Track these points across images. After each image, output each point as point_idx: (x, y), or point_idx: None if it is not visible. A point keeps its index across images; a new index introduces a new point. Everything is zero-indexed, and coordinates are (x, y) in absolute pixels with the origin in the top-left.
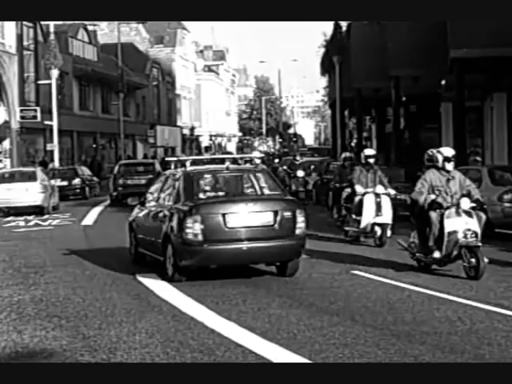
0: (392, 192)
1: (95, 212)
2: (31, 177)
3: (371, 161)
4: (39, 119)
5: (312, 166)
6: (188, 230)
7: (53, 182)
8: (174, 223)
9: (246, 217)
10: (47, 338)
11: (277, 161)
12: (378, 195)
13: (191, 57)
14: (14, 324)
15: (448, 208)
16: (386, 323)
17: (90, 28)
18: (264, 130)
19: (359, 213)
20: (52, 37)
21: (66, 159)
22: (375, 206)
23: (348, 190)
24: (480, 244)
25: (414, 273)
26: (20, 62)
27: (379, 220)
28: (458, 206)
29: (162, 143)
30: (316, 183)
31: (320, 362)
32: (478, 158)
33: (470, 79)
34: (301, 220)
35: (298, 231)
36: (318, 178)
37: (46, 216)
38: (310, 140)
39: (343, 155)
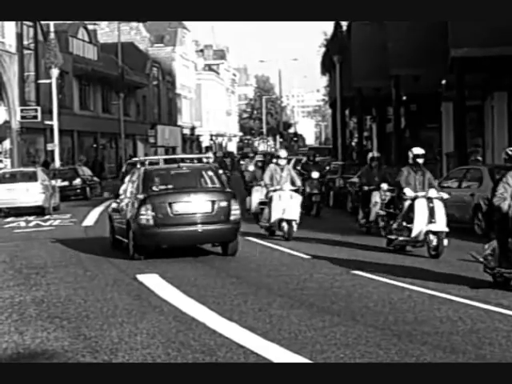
0: (445, 196)
1: (96, 212)
2: (32, 177)
3: (420, 161)
4: (39, 119)
5: (327, 167)
6: (142, 216)
7: (53, 182)
8: (133, 211)
9: (188, 205)
10: (49, 339)
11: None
12: (430, 200)
13: (191, 56)
14: (15, 325)
15: None
16: (387, 323)
17: (90, 27)
18: (264, 130)
19: (409, 220)
20: (52, 36)
21: (66, 159)
22: (428, 212)
23: (376, 192)
24: None
25: (413, 272)
26: (20, 61)
27: (434, 228)
28: None
29: (163, 143)
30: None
31: (321, 362)
32: (479, 158)
33: (470, 78)
34: (235, 208)
35: (232, 217)
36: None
37: (46, 216)
38: (310, 139)
39: (370, 155)
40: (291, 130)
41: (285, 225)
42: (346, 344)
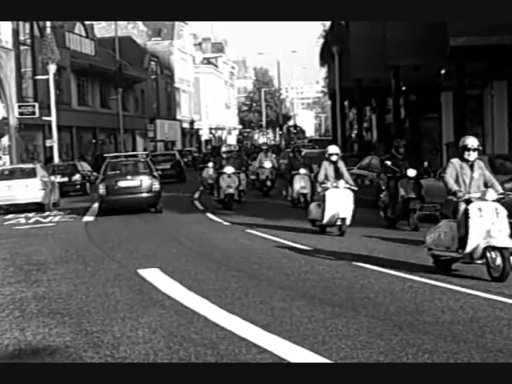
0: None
1: (96, 208)
2: (31, 173)
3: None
4: (37, 115)
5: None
6: (100, 190)
7: (53, 178)
8: (97, 187)
9: (127, 182)
10: (50, 334)
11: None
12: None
13: (190, 49)
14: (16, 322)
15: None
16: (388, 314)
17: (87, 22)
18: (264, 122)
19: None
20: (49, 31)
21: (70, 155)
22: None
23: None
24: None
25: (414, 263)
26: (17, 57)
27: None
28: None
29: (162, 137)
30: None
31: (324, 362)
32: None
33: (469, 68)
34: (155, 184)
35: (153, 189)
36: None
37: (46, 213)
38: (310, 131)
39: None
40: (291, 122)
41: (495, 256)
42: (347, 335)
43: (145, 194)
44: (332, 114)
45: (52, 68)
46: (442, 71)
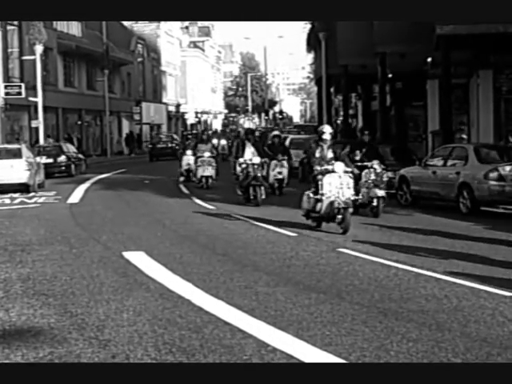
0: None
1: (81, 190)
2: (16, 154)
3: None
4: (24, 95)
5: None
6: None
7: (38, 159)
8: None
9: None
10: (35, 315)
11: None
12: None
13: (176, 33)
14: (1, 302)
15: None
16: (373, 301)
17: None
18: (250, 107)
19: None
20: None
21: (53, 136)
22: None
23: None
24: None
25: (399, 250)
26: (4, 37)
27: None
28: None
29: (148, 120)
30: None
31: (306, 339)
32: (464, 136)
33: (455, 56)
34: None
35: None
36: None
37: (31, 194)
38: (296, 117)
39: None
40: (276, 108)
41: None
42: (332, 321)
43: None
44: (318, 100)
45: (39, 49)
46: (429, 59)
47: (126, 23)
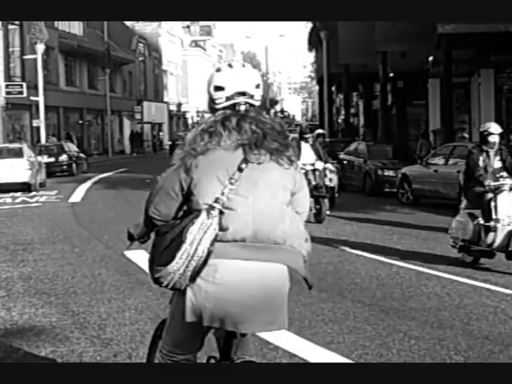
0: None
1: (82, 189)
2: (18, 153)
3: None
4: (25, 95)
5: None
6: None
7: (39, 158)
8: None
9: None
10: (36, 315)
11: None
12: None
13: (178, 32)
14: (2, 301)
15: None
16: (374, 299)
17: None
18: None
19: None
20: None
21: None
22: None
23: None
24: None
25: (401, 249)
26: (5, 36)
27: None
28: None
29: (149, 119)
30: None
31: (308, 337)
32: (465, 135)
33: (457, 55)
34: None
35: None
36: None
37: (33, 193)
38: (297, 116)
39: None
40: (278, 107)
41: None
42: (333, 320)
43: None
44: (319, 99)
45: (40, 48)
46: (430, 58)
47: (127, 22)
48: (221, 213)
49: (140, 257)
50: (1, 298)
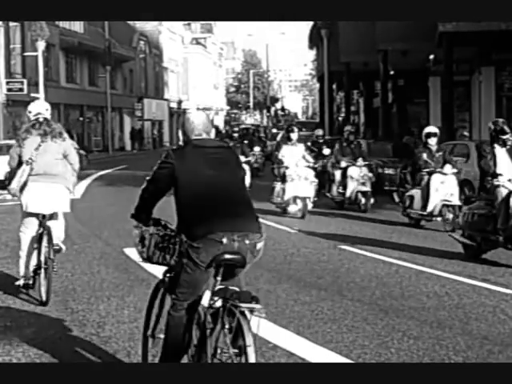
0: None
1: (82, 186)
2: None
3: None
4: (26, 91)
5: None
6: None
7: None
8: None
9: None
10: (36, 312)
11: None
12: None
13: (178, 29)
14: (1, 298)
15: None
16: (373, 298)
17: None
18: (251, 104)
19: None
20: None
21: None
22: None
23: None
24: None
25: (400, 247)
26: (6, 33)
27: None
28: None
29: (150, 116)
30: None
31: (307, 336)
32: (466, 133)
33: (458, 53)
34: None
35: None
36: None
37: None
38: (297, 114)
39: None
40: (278, 105)
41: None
42: (332, 318)
43: None
44: (320, 96)
45: (41, 45)
46: (431, 56)
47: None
48: (32, 162)
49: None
50: (0, 295)
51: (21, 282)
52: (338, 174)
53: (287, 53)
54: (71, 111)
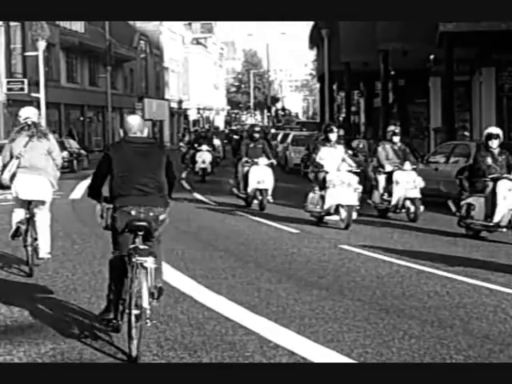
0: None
1: (83, 185)
2: None
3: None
4: (26, 91)
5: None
6: None
7: None
8: None
9: None
10: (37, 311)
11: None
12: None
13: (179, 29)
14: (1, 298)
15: None
16: (374, 298)
17: None
18: (252, 104)
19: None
20: None
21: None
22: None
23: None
24: None
25: (401, 247)
26: (7, 33)
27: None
28: None
29: (150, 116)
30: None
31: (308, 335)
32: (466, 133)
33: (458, 53)
34: None
35: None
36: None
37: None
38: (299, 114)
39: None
40: (279, 105)
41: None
42: (333, 318)
43: None
44: (320, 96)
45: (41, 45)
46: (431, 56)
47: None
48: (20, 157)
49: None
50: (0, 295)
51: (11, 231)
52: (382, 180)
53: (287, 53)
54: (72, 111)
